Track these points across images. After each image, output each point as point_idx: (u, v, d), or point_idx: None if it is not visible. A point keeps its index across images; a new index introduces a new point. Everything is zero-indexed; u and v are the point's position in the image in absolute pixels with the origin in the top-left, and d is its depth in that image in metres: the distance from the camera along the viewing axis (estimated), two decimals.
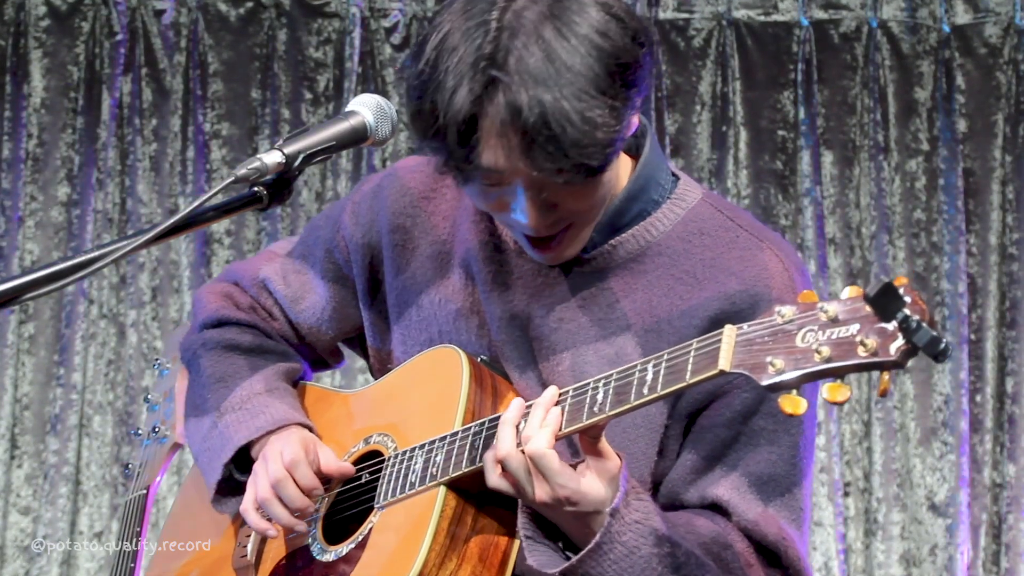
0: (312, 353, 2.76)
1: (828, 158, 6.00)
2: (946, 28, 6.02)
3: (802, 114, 6.00)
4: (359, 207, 2.64)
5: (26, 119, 5.90)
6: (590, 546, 2.23)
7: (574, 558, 2.24)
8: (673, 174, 2.49)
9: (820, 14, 6.04)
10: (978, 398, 5.89)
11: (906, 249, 5.96)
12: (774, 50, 6.03)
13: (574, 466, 2.24)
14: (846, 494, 5.84)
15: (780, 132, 6.01)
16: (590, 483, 2.22)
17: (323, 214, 2.73)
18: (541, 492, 2.22)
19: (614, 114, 2.21)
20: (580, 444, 2.23)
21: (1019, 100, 6.01)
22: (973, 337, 5.92)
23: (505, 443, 2.24)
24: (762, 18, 6.04)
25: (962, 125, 6.00)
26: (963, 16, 6.04)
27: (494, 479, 2.28)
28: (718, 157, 5.99)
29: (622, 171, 2.42)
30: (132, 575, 3.25)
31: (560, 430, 2.22)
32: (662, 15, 6.02)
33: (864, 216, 5.97)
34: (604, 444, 2.24)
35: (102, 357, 5.83)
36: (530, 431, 2.23)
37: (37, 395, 5.81)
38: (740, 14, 6.03)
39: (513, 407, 2.28)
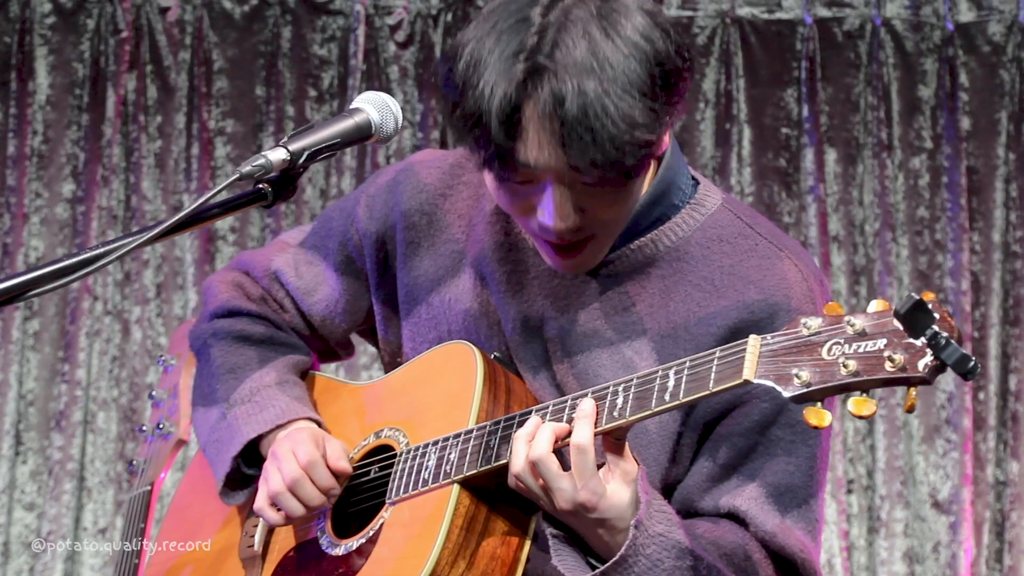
0: (323, 345, 2.75)
1: (831, 155, 6.01)
2: (950, 26, 6.02)
3: (805, 112, 6.00)
4: (374, 200, 2.64)
5: (31, 116, 5.91)
6: (615, 558, 2.21)
7: (599, 569, 2.23)
8: (693, 178, 2.48)
9: (824, 12, 6.05)
10: (981, 395, 5.90)
11: (909, 247, 5.96)
12: (778, 48, 6.04)
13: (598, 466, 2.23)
14: (849, 491, 5.85)
15: (784, 129, 6.01)
16: (615, 489, 2.21)
17: (336, 206, 2.72)
18: (564, 497, 2.20)
19: (652, 117, 2.21)
20: (603, 444, 2.22)
21: (1023, 98, 6.01)
22: (976, 335, 5.92)
23: (541, 445, 2.21)
24: (766, 16, 6.05)
25: (965, 123, 6.00)
26: (967, 14, 6.04)
27: (513, 483, 2.27)
28: (721, 154, 5.99)
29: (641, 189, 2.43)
30: (136, 571, 3.25)
31: (597, 425, 2.20)
32: (666, 12, 6.01)
33: (867, 214, 5.97)
34: (627, 447, 2.23)
35: (107, 353, 5.84)
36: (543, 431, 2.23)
37: (42, 391, 5.82)
38: (744, 12, 6.04)
39: (530, 423, 2.27)
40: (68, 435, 5.79)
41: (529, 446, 2.23)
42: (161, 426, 3.38)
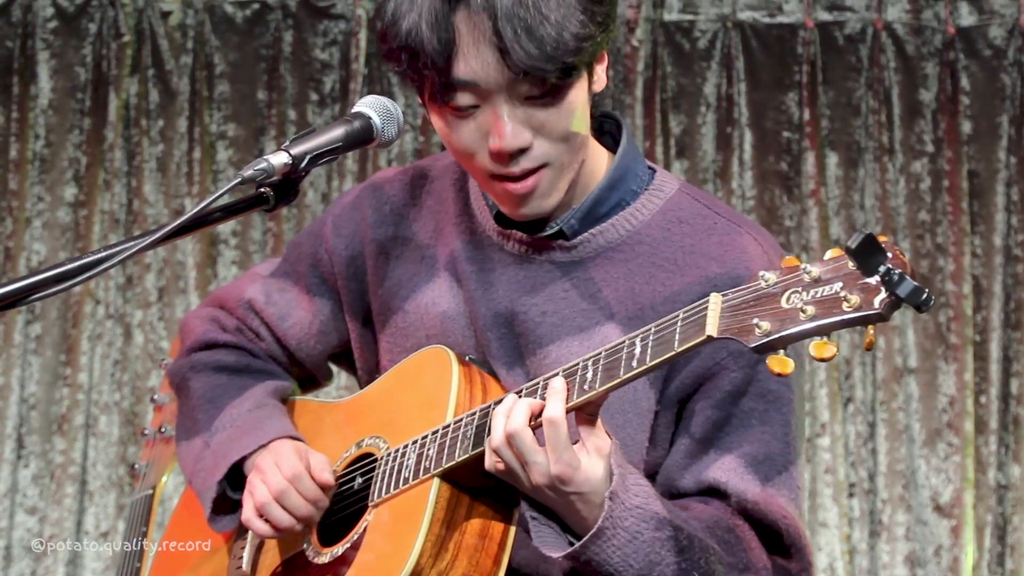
0: (301, 371, 2.77)
1: (833, 159, 6.01)
2: (951, 30, 6.03)
3: (807, 115, 6.00)
4: (340, 220, 2.66)
5: (33, 120, 5.92)
6: (592, 531, 2.23)
7: (577, 544, 2.24)
8: (649, 167, 2.52)
9: (825, 16, 6.05)
10: (983, 399, 5.90)
11: (911, 250, 5.96)
12: (779, 52, 6.04)
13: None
14: (851, 495, 5.85)
15: (785, 133, 6.02)
16: (589, 462, 2.22)
17: (304, 231, 2.75)
18: (540, 471, 2.21)
19: (586, 14, 2.26)
20: (576, 420, 2.24)
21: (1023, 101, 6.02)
22: (978, 338, 5.92)
23: (517, 418, 2.23)
24: (767, 20, 6.05)
25: (967, 126, 6.00)
26: (968, 18, 6.04)
27: (492, 461, 2.28)
28: (723, 159, 6.00)
29: (600, 163, 2.47)
30: (138, 575, 3.26)
31: (569, 400, 2.22)
32: (667, 17, 6.03)
33: (869, 217, 5.97)
34: (599, 422, 2.25)
35: (108, 357, 5.85)
36: (519, 408, 2.24)
37: (44, 395, 5.82)
38: (745, 16, 6.04)
39: (508, 399, 2.29)
40: (70, 439, 5.79)
41: (506, 420, 2.24)
42: (163, 429, 3.39)
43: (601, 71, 2.38)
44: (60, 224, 5.88)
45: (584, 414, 2.24)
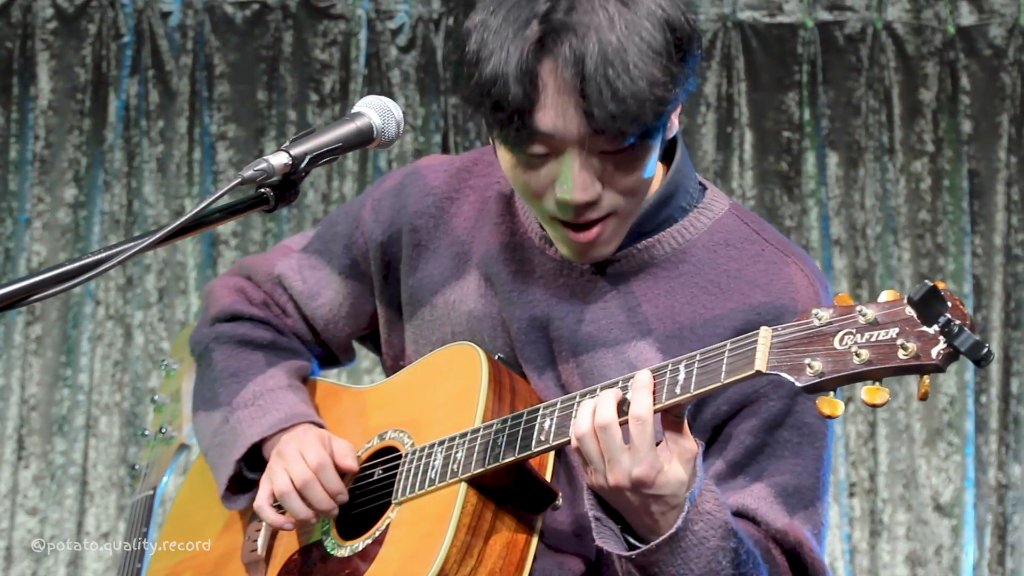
0: (324, 350, 2.75)
1: (833, 159, 6.01)
2: (951, 29, 6.03)
3: (807, 115, 6.00)
4: (380, 204, 2.64)
5: (33, 121, 5.92)
6: (669, 533, 2.18)
7: (653, 543, 2.19)
8: (701, 183, 2.49)
9: (825, 15, 6.05)
10: (983, 399, 5.90)
11: (911, 250, 5.96)
12: (779, 51, 6.04)
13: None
14: (851, 495, 5.85)
15: (785, 133, 6.02)
16: (672, 466, 2.18)
17: (342, 209, 2.73)
18: (621, 470, 2.17)
19: (670, 77, 2.23)
20: (662, 421, 2.20)
21: None
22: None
23: (607, 410, 2.18)
24: (767, 19, 6.05)
25: (967, 126, 6.00)
26: (968, 17, 6.04)
27: (575, 442, 2.22)
28: (723, 158, 5.99)
29: (654, 176, 2.43)
30: (139, 575, 3.26)
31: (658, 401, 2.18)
32: None
33: (869, 217, 5.97)
34: (685, 425, 2.20)
35: (109, 358, 5.85)
36: (606, 405, 2.20)
37: (44, 396, 5.82)
38: (745, 15, 6.04)
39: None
40: (70, 440, 5.79)
41: (594, 412, 2.20)
42: (163, 430, 3.38)
43: (675, 117, 2.34)
44: (60, 225, 5.88)
45: (670, 416, 2.19)
